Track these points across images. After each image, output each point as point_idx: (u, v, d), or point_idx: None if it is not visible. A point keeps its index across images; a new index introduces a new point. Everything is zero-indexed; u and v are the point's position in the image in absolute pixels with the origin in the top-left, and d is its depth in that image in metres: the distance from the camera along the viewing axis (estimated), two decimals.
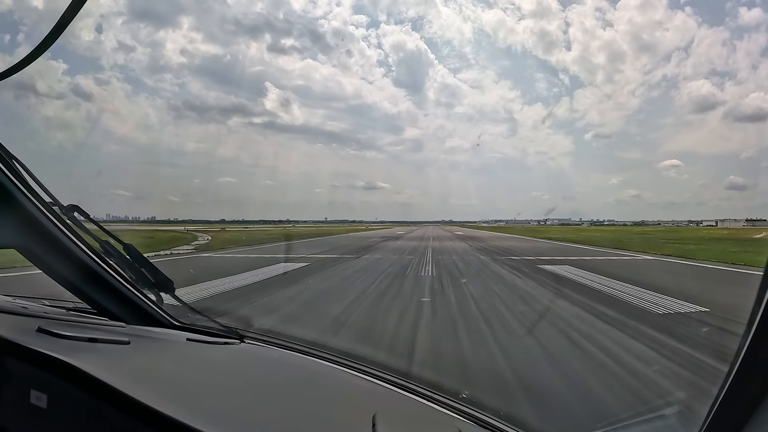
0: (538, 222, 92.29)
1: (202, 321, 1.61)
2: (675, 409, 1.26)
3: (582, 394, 3.39)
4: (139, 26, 77.86)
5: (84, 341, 1.11)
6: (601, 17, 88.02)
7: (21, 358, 1.00)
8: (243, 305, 6.87)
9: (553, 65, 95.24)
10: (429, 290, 8.39)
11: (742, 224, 54.25)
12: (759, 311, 0.65)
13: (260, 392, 1.11)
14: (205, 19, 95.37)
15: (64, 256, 1.33)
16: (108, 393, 0.87)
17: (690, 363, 4.10)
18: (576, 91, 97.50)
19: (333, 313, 6.39)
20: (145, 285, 1.52)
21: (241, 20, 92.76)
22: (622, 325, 5.56)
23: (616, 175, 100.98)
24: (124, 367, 1.06)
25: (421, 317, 6.16)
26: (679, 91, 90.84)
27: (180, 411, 0.82)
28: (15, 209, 1.23)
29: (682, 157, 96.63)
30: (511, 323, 5.82)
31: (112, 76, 76.82)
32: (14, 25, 55.94)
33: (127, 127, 79.57)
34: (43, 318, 1.31)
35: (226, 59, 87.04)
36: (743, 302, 4.45)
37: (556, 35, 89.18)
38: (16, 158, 1.27)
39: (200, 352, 1.37)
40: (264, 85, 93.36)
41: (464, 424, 1.11)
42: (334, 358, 1.45)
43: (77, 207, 1.41)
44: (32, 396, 0.95)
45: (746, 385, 0.68)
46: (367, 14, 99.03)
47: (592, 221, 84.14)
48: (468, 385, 3.57)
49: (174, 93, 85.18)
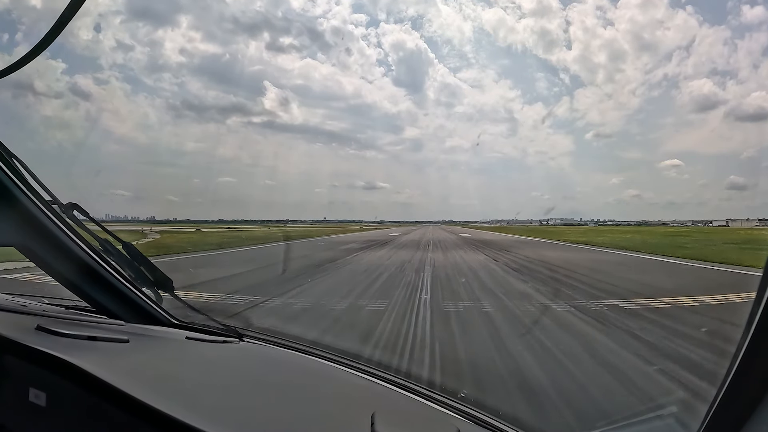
0: (540, 222, 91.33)
1: (201, 320, 1.61)
2: (674, 408, 1.26)
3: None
4: (137, 25, 77.83)
5: (83, 339, 1.11)
6: (602, 16, 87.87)
7: (20, 356, 0.99)
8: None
9: (553, 64, 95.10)
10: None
11: (755, 224, 52.83)
12: (758, 311, 0.65)
13: (259, 391, 1.11)
14: (203, 17, 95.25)
15: (63, 255, 1.33)
16: (107, 391, 0.86)
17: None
18: (576, 90, 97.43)
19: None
20: (144, 283, 1.52)
21: (240, 19, 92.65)
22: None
23: (616, 175, 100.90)
24: (123, 366, 1.06)
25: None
26: (680, 90, 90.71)
27: (179, 409, 0.82)
28: (14, 207, 1.23)
29: (682, 156, 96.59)
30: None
31: (111, 75, 76.82)
32: (13, 24, 56.11)
33: (126, 126, 79.44)
34: (42, 316, 1.31)
35: (225, 58, 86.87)
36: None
37: (556, 34, 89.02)
38: (15, 156, 1.27)
39: (199, 351, 1.37)
40: (263, 85, 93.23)
41: (463, 423, 1.11)
42: (332, 357, 1.45)
43: (76, 205, 1.41)
44: (31, 394, 0.95)
45: (745, 385, 0.68)
46: (366, 13, 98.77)
47: (596, 221, 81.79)
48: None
49: (173, 92, 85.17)
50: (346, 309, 6.60)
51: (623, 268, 12.44)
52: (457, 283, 9.30)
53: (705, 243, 21.52)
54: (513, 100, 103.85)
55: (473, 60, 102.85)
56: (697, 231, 40.45)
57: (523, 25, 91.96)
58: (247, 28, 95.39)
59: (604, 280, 9.23)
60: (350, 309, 6.60)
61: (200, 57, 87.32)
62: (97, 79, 74.49)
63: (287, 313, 6.27)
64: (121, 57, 75.62)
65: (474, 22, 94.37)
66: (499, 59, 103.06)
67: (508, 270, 11.41)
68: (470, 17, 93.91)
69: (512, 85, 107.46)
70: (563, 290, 8.11)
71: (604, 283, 8.82)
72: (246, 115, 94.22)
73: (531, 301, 7.21)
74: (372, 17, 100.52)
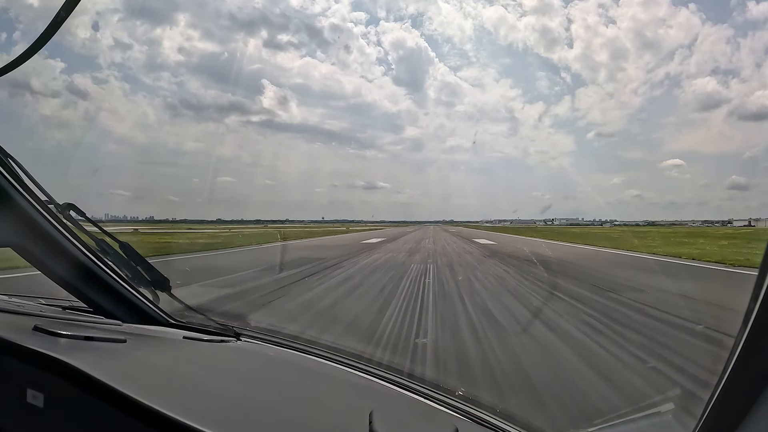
0: (544, 222, 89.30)
1: (198, 319, 1.61)
2: (671, 406, 1.26)
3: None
4: (135, 23, 77.53)
5: (80, 340, 1.11)
6: (603, 14, 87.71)
7: (17, 357, 0.99)
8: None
9: (554, 63, 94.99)
10: None
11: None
12: (754, 309, 0.65)
13: (256, 390, 1.11)
14: (201, 15, 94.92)
15: (59, 255, 1.32)
16: (104, 391, 0.86)
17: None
18: (578, 89, 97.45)
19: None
20: (141, 283, 1.52)
21: (238, 16, 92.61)
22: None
23: (618, 175, 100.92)
24: (121, 366, 1.06)
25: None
26: (683, 89, 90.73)
27: (177, 409, 0.82)
28: (10, 207, 1.23)
29: (684, 156, 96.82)
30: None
31: (110, 74, 76.59)
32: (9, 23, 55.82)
33: (125, 125, 79.13)
34: (39, 317, 1.31)
35: (224, 57, 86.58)
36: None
37: (558, 32, 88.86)
38: (11, 156, 1.26)
39: (196, 350, 1.37)
40: (263, 84, 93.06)
41: (461, 421, 1.11)
42: (330, 355, 1.45)
43: (73, 205, 1.41)
44: (29, 395, 0.95)
45: (742, 383, 0.69)
46: (366, 11, 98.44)
47: (607, 222, 78.06)
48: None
49: (172, 91, 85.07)
50: None
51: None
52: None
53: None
54: (514, 99, 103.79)
55: (474, 58, 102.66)
56: (740, 235, 27.28)
57: (525, 23, 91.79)
58: (245, 26, 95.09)
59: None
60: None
61: (199, 56, 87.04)
62: (95, 78, 74.23)
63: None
64: (119, 56, 75.37)
65: (475, 20, 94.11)
66: (499, 58, 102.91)
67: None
68: (471, 15, 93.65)
69: (513, 84, 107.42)
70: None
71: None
72: (245, 114, 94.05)
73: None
74: (372, 15, 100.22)
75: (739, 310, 0.71)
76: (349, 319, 5.38)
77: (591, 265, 11.49)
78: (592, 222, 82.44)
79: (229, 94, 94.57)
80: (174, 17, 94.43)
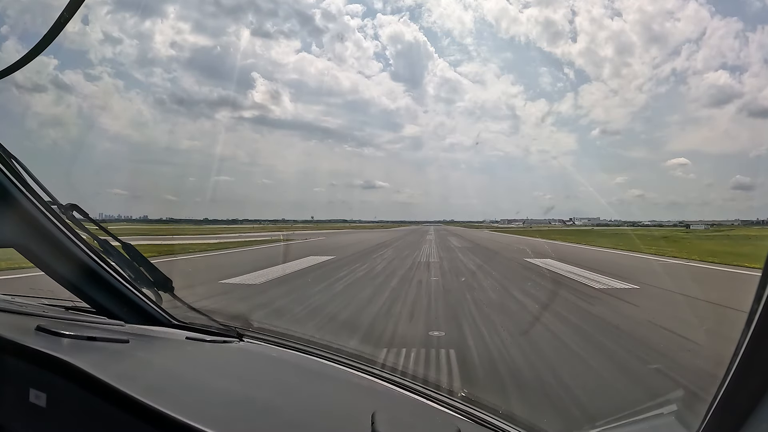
0: (563, 222, 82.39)
1: (200, 320, 1.61)
2: (674, 407, 1.26)
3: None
4: (125, 16, 77.45)
5: (83, 340, 1.11)
6: (609, 5, 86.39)
7: (20, 357, 0.99)
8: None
9: (557, 58, 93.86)
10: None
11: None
12: (758, 309, 0.65)
13: (259, 391, 1.11)
14: (193, 8, 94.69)
15: (62, 255, 1.33)
16: (107, 391, 0.86)
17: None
18: (581, 86, 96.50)
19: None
20: (143, 284, 1.52)
21: (231, 8, 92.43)
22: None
23: (620, 174, 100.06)
24: (123, 366, 1.06)
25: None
26: (688, 86, 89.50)
27: (179, 409, 0.82)
28: (14, 208, 1.23)
29: (689, 155, 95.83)
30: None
31: (103, 71, 76.57)
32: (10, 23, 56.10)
33: (120, 123, 79.12)
34: (41, 317, 1.31)
35: (217, 51, 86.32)
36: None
37: (561, 25, 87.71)
38: (14, 157, 1.27)
39: (199, 351, 1.37)
40: (257, 80, 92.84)
41: (463, 422, 1.11)
42: (333, 356, 1.45)
43: (76, 206, 1.41)
44: (31, 395, 0.95)
45: (745, 384, 0.68)
46: (362, 3, 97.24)
47: (629, 223, 71.18)
48: None
49: (165, 88, 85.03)
50: None
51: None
52: None
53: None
54: (515, 96, 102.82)
55: (474, 53, 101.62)
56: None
57: (527, 15, 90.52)
58: (238, 17, 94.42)
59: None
60: None
61: (191, 50, 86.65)
62: (88, 75, 74.16)
63: None
64: (110, 51, 75.08)
65: (475, 12, 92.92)
66: (501, 52, 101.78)
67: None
68: (471, 6, 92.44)
69: (515, 80, 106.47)
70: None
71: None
72: (237, 110, 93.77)
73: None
74: (368, 7, 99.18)
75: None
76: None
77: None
78: (607, 223, 74.27)
79: (221, 89, 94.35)
80: (165, 10, 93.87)
